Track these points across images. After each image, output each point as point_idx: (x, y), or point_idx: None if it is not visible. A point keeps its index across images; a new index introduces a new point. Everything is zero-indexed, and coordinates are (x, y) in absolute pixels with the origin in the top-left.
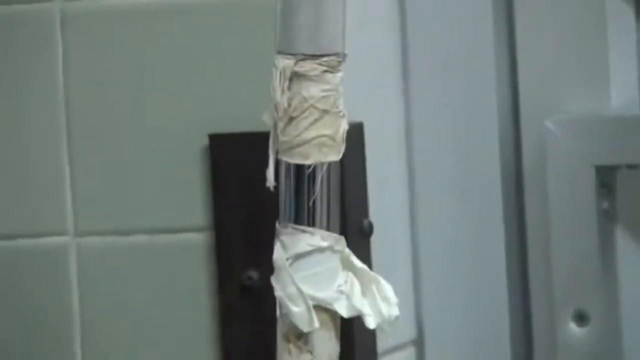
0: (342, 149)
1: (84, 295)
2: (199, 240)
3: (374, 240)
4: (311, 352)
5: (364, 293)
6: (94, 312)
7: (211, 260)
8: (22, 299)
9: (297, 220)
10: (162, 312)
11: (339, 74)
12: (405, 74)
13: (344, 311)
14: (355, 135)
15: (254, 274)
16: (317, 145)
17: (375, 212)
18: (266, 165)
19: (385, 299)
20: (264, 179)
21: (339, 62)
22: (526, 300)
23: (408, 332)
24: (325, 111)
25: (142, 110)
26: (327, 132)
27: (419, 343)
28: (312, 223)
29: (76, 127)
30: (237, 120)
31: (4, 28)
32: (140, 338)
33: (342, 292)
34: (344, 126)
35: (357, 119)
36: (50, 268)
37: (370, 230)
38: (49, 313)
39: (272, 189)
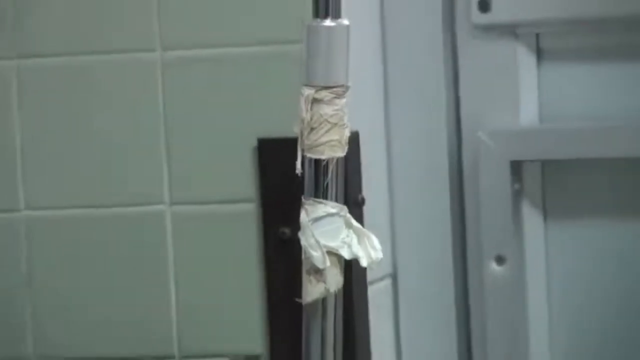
0: (346, 149)
1: (177, 252)
2: (252, 208)
3: (366, 208)
4: (324, 282)
5: (359, 243)
6: (184, 264)
7: (259, 221)
8: (129, 252)
9: (316, 195)
10: (226, 260)
11: (344, 99)
12: (386, 100)
13: (346, 255)
14: (354, 139)
15: (287, 230)
16: (329, 146)
17: (366, 190)
18: (296, 158)
19: (373, 247)
20: (294, 168)
21: (344, 92)
22: (464, 248)
23: (387, 268)
24: (335, 124)
25: (219, 117)
26: (336, 137)
27: (394, 276)
28: (325, 197)
29: (172, 127)
30: (277, 129)
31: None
32: (210, 275)
33: (344, 242)
34: (346, 134)
35: (355, 129)
36: (151, 230)
37: (362, 202)
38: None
39: (299, 174)
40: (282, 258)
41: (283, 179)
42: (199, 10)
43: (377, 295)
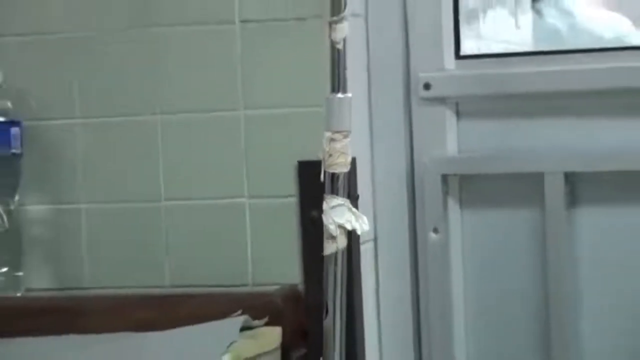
0: (349, 167)
1: (253, 227)
2: (293, 202)
3: (359, 201)
4: (336, 243)
5: (356, 220)
6: (258, 231)
7: (298, 208)
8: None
9: (332, 193)
10: (281, 230)
11: (348, 138)
12: (371, 137)
13: (349, 227)
14: (353, 162)
15: (315, 213)
16: (339, 165)
17: (359, 190)
18: (321, 172)
19: (363, 223)
20: (319, 177)
21: (347, 134)
22: (415, 223)
23: (370, 235)
24: (342, 153)
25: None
26: (343, 161)
27: (375, 240)
28: (337, 194)
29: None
30: (309, 154)
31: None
32: (271, 238)
33: (348, 220)
34: (349, 159)
35: (354, 155)
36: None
37: (357, 197)
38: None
39: (322, 181)
40: (313, 230)
41: (313, 184)
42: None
43: (365, 251)
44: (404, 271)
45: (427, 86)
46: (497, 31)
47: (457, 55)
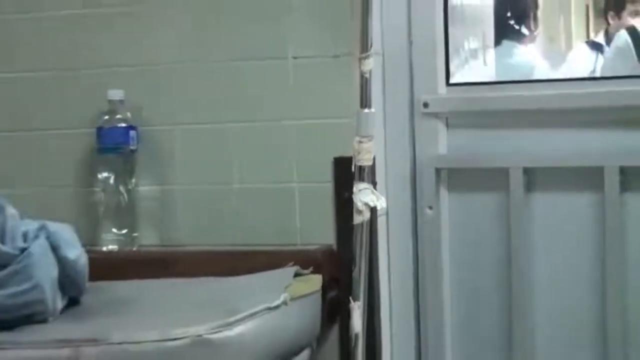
0: (372, 162)
1: (301, 199)
2: (329, 186)
3: (377, 186)
4: (362, 215)
5: (376, 200)
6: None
7: (335, 190)
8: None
9: (360, 180)
10: (321, 207)
11: (372, 142)
12: (385, 141)
13: (371, 204)
14: (374, 158)
15: (347, 194)
16: (365, 160)
17: (377, 178)
18: (352, 164)
19: (382, 201)
20: (350, 169)
21: (371, 138)
22: (415, 201)
23: (384, 210)
24: (368, 151)
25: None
26: (368, 156)
27: (387, 214)
28: (363, 181)
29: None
30: (343, 151)
31: None
32: (314, 211)
33: (371, 199)
34: (372, 156)
35: (374, 153)
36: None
37: (376, 183)
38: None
39: (353, 171)
40: (346, 206)
41: (344, 173)
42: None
43: (380, 222)
44: (407, 237)
45: (425, 105)
46: (471, 66)
47: (447, 83)
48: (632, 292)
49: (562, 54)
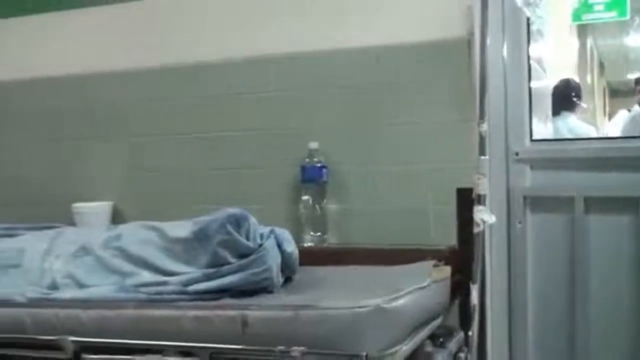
0: (485, 192)
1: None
2: (453, 209)
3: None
4: (479, 227)
5: (488, 217)
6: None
7: (457, 210)
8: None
9: (478, 204)
10: (444, 226)
11: (485, 178)
12: (490, 176)
13: (486, 220)
14: (485, 189)
15: (467, 214)
16: (482, 190)
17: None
18: (473, 194)
19: (492, 218)
20: (470, 196)
21: (485, 176)
22: (509, 219)
23: (489, 224)
24: (483, 185)
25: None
26: (483, 188)
27: (491, 227)
28: (480, 204)
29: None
30: (459, 184)
31: None
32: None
33: (486, 218)
34: (486, 187)
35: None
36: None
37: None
38: None
39: (472, 198)
40: (465, 221)
41: (465, 199)
42: None
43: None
44: (503, 242)
45: (516, 154)
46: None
47: (531, 139)
48: None
49: (601, 120)
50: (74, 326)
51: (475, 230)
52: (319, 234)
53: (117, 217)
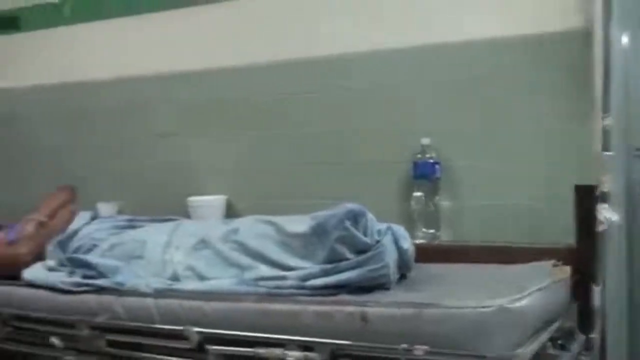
0: (609, 189)
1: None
2: (569, 207)
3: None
4: (603, 225)
5: (611, 214)
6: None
7: (576, 209)
8: None
9: (602, 201)
10: (558, 224)
11: (609, 174)
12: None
13: (610, 218)
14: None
15: (586, 210)
16: (606, 187)
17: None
18: (595, 191)
19: (614, 216)
20: (591, 194)
21: (609, 172)
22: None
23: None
24: (607, 182)
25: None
26: (607, 185)
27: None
28: (604, 202)
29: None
30: (578, 180)
31: None
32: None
33: (610, 215)
34: (610, 184)
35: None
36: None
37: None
38: None
39: (596, 195)
40: (585, 219)
41: (585, 196)
42: None
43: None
44: (623, 241)
45: (638, 149)
46: None
47: None
48: None
49: None
50: (197, 317)
51: (600, 228)
52: (431, 230)
53: (229, 211)
